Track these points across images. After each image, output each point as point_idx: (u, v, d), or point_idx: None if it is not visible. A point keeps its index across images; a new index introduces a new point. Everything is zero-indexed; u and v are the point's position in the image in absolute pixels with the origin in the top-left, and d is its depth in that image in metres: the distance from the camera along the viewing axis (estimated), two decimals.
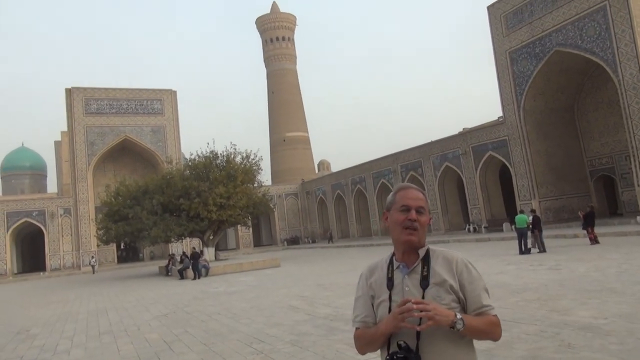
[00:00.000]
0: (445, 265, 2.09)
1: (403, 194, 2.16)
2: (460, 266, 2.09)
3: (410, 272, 2.11)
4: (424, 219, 2.12)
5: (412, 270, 2.11)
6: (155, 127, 53.12)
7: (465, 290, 2.05)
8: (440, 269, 2.08)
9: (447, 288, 2.03)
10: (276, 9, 77.70)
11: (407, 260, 2.13)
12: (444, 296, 2.02)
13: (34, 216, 47.63)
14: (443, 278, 2.05)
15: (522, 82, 31.31)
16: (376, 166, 46.64)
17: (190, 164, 33.31)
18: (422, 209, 2.12)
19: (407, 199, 2.13)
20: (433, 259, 2.11)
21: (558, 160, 32.04)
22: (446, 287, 2.03)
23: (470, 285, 2.06)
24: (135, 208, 30.26)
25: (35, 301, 20.86)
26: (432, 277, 2.06)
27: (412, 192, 2.16)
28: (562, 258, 15.91)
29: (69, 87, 50.54)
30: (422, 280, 2.06)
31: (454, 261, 2.10)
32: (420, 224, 2.10)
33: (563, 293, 9.66)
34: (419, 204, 2.12)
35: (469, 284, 2.06)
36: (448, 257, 2.12)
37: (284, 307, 11.87)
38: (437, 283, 2.04)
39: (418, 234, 2.09)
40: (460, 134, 37.62)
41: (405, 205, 2.11)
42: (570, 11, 27.73)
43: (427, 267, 2.08)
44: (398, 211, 2.13)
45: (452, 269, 2.07)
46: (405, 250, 2.13)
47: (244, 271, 25.81)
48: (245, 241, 57.01)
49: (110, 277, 34.21)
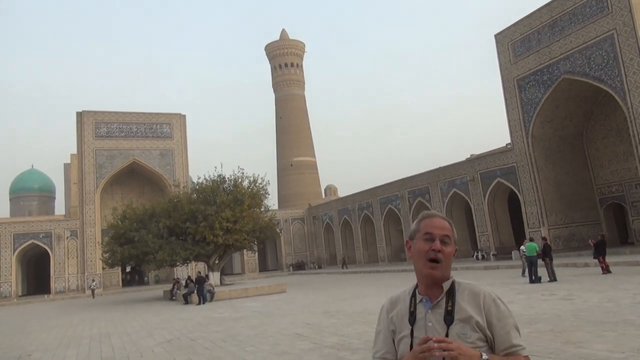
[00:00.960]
0: (472, 300, 1.96)
1: (427, 222, 2.05)
2: (487, 301, 1.95)
3: (433, 306, 1.99)
4: (449, 249, 2.00)
5: (435, 305, 1.98)
6: (163, 151, 53.47)
7: (493, 327, 1.92)
8: (466, 304, 1.95)
9: (473, 325, 1.90)
10: (285, 36, 78.87)
11: (430, 294, 2.01)
12: (469, 334, 1.89)
13: (40, 238, 47.66)
14: (469, 314, 1.92)
15: (530, 109, 31.31)
16: (383, 192, 46.49)
17: (197, 188, 33.36)
18: (447, 239, 2.01)
19: (432, 227, 2.02)
20: (458, 293, 1.98)
21: (567, 187, 31.78)
22: (472, 324, 1.90)
23: (499, 322, 1.92)
24: (142, 231, 30.20)
25: (38, 325, 20.64)
26: (457, 313, 1.93)
27: (438, 221, 2.05)
28: (574, 287, 15.59)
29: (79, 111, 51.19)
30: (446, 315, 1.94)
31: (481, 295, 1.97)
32: (445, 255, 1.98)
33: (577, 324, 9.39)
34: (444, 233, 2.01)
35: (498, 321, 1.93)
36: (475, 291, 1.99)
37: (290, 334, 11.63)
38: (463, 319, 1.91)
39: (441, 266, 1.98)
40: (468, 161, 37.51)
41: (429, 233, 2.01)
42: (578, 39, 27.88)
43: (452, 301, 1.96)
44: (421, 240, 2.02)
45: (479, 304, 1.94)
46: (429, 283, 2.01)
47: (249, 296, 25.51)
48: (250, 266, 56.61)
49: (114, 301, 33.94)
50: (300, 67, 78.65)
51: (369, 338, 9.85)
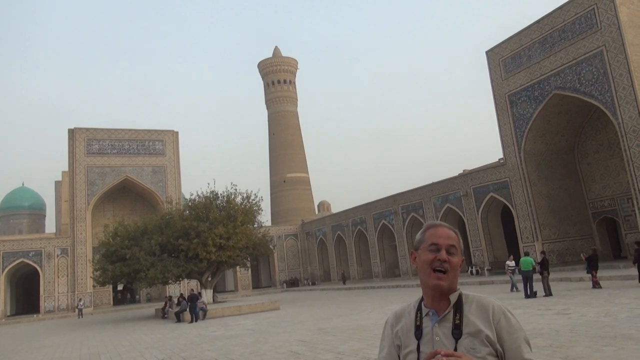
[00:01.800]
0: (481, 312, 1.88)
1: (433, 232, 1.98)
2: (497, 314, 1.87)
3: (440, 320, 1.90)
4: (455, 260, 1.93)
5: (443, 318, 1.90)
6: (156, 168, 53.20)
7: (503, 341, 1.84)
8: (474, 317, 1.87)
9: (482, 339, 1.82)
10: (278, 53, 79.36)
11: (437, 307, 1.93)
12: (479, 348, 1.80)
13: (30, 257, 46.97)
14: (478, 328, 1.83)
15: (522, 124, 31.53)
16: (377, 207, 46.41)
17: (190, 204, 33.09)
18: (453, 249, 1.93)
19: (437, 237, 1.95)
20: (466, 306, 1.90)
21: (560, 202, 31.89)
22: (481, 338, 1.82)
23: (510, 336, 1.84)
24: (133, 249, 29.83)
25: (27, 346, 20.19)
26: (466, 327, 1.85)
27: (443, 230, 1.98)
28: (570, 302, 15.50)
29: (71, 128, 50.96)
30: (454, 329, 1.85)
31: (490, 308, 1.88)
32: (452, 265, 1.91)
33: (576, 339, 9.28)
34: (450, 243, 1.94)
35: (508, 335, 1.84)
36: (483, 303, 1.90)
37: (284, 352, 11.42)
38: (471, 333, 1.83)
39: (448, 277, 1.90)
40: (461, 176, 37.61)
41: (434, 243, 1.93)
42: (568, 56, 28.21)
43: (460, 314, 1.88)
44: (427, 250, 1.94)
45: (489, 318, 1.86)
46: (435, 295, 1.93)
47: (242, 314, 25.18)
48: (244, 283, 56.09)
49: (105, 320, 33.37)
50: (293, 84, 79.01)
51: (365, 355, 9.67)
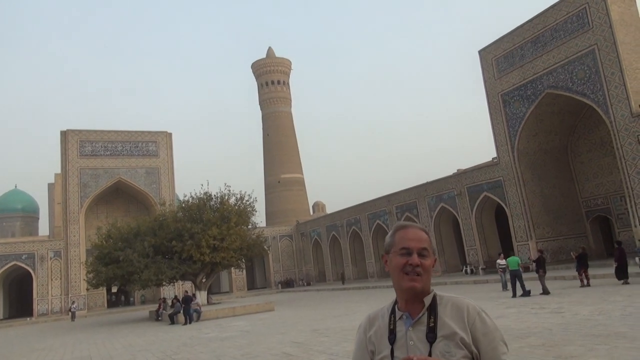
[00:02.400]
0: (455, 314, 1.81)
1: (402, 235, 1.90)
2: (472, 315, 1.81)
3: (414, 323, 1.84)
4: (427, 262, 1.86)
5: (417, 321, 1.84)
6: (149, 169, 52.94)
7: (479, 343, 1.78)
8: (449, 319, 1.80)
9: (457, 342, 1.76)
10: (272, 54, 79.24)
11: (411, 310, 1.86)
12: (454, 351, 1.74)
13: (23, 259, 46.61)
14: (453, 330, 1.77)
15: (515, 123, 31.59)
16: (371, 207, 46.40)
17: (183, 206, 32.93)
18: (424, 251, 1.86)
19: (408, 240, 1.87)
20: (441, 308, 1.84)
21: (554, 201, 31.97)
22: (456, 341, 1.76)
23: (485, 337, 1.78)
24: (127, 250, 29.65)
25: (19, 349, 20.01)
26: (440, 329, 1.78)
27: (413, 232, 1.90)
28: (563, 301, 15.51)
29: (64, 130, 50.62)
30: (428, 332, 1.79)
31: (465, 309, 1.82)
32: (424, 268, 1.84)
33: (569, 338, 9.26)
34: (421, 245, 1.87)
35: (484, 336, 1.78)
36: (458, 304, 1.84)
37: (277, 354, 11.35)
38: (446, 336, 1.77)
39: (422, 279, 1.83)
40: (455, 175, 37.65)
41: (405, 247, 1.86)
42: (560, 55, 28.29)
43: (434, 317, 1.81)
44: (398, 255, 1.87)
45: (463, 319, 1.80)
46: (409, 298, 1.86)
47: (237, 315, 25.08)
48: (238, 284, 55.93)
49: (99, 322, 33.16)
50: (286, 85, 78.92)
51: None
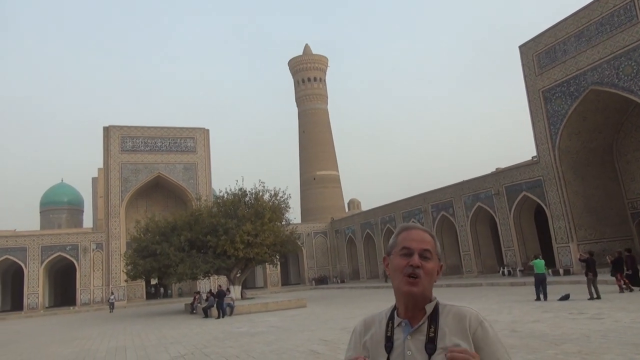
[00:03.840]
0: (457, 323, 1.71)
1: (405, 235, 1.81)
2: (474, 324, 1.70)
3: (413, 332, 1.73)
4: (430, 265, 1.75)
5: (416, 330, 1.73)
6: (187, 165, 54.06)
7: (481, 352, 1.66)
8: (450, 329, 1.70)
9: None
10: (308, 51, 79.36)
11: (410, 317, 1.75)
12: None
13: (67, 250, 48.47)
14: (454, 342, 1.67)
15: (557, 121, 30.54)
16: (406, 205, 45.92)
17: (218, 201, 33.41)
18: (427, 253, 1.75)
19: (410, 240, 1.78)
20: (442, 317, 1.73)
21: (597, 201, 30.76)
22: None
23: (488, 348, 1.67)
24: (163, 244, 30.32)
25: (60, 337, 20.78)
26: (441, 340, 1.68)
27: (417, 233, 1.80)
28: (604, 306, 14.88)
29: (106, 126, 52.27)
30: (427, 343, 1.68)
31: (467, 318, 1.71)
32: (425, 271, 1.73)
33: (607, 346, 8.85)
34: (424, 247, 1.76)
35: (487, 347, 1.67)
36: (460, 313, 1.73)
37: (305, 351, 11.33)
38: (446, 348, 1.66)
39: (421, 283, 1.72)
40: (493, 174, 36.76)
41: (406, 247, 1.76)
42: (606, 50, 27.14)
43: (435, 326, 1.70)
44: (398, 255, 1.77)
45: (465, 328, 1.69)
46: (408, 304, 1.75)
47: (269, 311, 25.28)
48: (272, 280, 56.43)
49: (137, 313, 34.09)
50: (323, 82, 78.92)
51: None
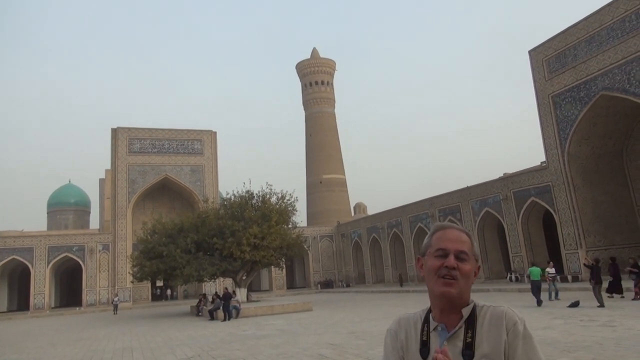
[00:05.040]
0: (495, 327, 1.60)
1: (440, 235, 1.71)
2: (509, 324, 1.59)
3: (450, 337, 1.63)
4: (466, 267, 1.65)
5: (452, 335, 1.63)
6: (194, 167, 54.16)
7: (513, 354, 1.56)
8: (488, 333, 1.59)
9: None
10: (316, 54, 79.46)
11: (446, 321, 1.66)
12: None
13: (74, 251, 48.61)
14: (492, 346, 1.56)
15: (566, 126, 30.31)
16: (413, 210, 45.71)
17: (225, 204, 33.39)
18: (463, 255, 1.65)
19: (445, 241, 1.68)
20: (479, 320, 1.62)
21: (606, 208, 30.46)
22: (499, 359, 1.55)
23: (520, 348, 1.56)
24: (170, 246, 30.31)
25: (65, 337, 20.77)
26: (479, 347, 1.57)
27: (452, 233, 1.71)
28: (616, 313, 14.69)
29: (114, 127, 52.51)
30: (464, 349, 1.58)
31: (503, 317, 1.61)
32: (462, 272, 1.63)
33: (621, 354, 8.69)
34: (460, 248, 1.66)
35: (518, 347, 1.56)
36: (496, 314, 1.62)
37: (312, 355, 11.23)
38: (486, 355, 1.56)
39: (458, 284, 1.62)
40: (501, 179, 36.53)
41: (442, 248, 1.67)
42: (617, 55, 26.93)
43: (472, 331, 1.60)
44: (433, 257, 1.68)
45: (502, 330, 1.58)
46: (444, 307, 1.66)
47: (275, 314, 25.17)
48: (278, 283, 56.34)
49: (142, 315, 34.08)
50: (330, 85, 78.96)
51: None
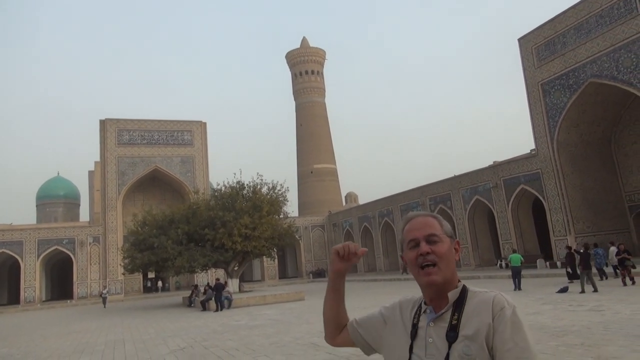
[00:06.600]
0: (481, 310, 1.57)
1: (409, 227, 1.72)
2: (496, 309, 1.54)
3: (436, 319, 1.63)
4: (440, 248, 1.64)
5: (439, 317, 1.63)
6: (184, 158, 53.85)
7: (495, 337, 1.51)
8: (472, 316, 1.57)
9: (481, 343, 1.52)
10: (306, 44, 79.00)
11: (435, 304, 1.66)
12: (476, 354, 1.51)
13: (64, 244, 48.30)
14: (476, 329, 1.54)
15: (556, 114, 30.48)
16: (404, 199, 45.88)
17: (216, 194, 33.27)
18: (434, 237, 1.65)
19: (413, 231, 1.69)
20: (468, 303, 1.61)
21: (595, 194, 30.78)
22: (480, 342, 1.52)
23: (502, 331, 1.50)
24: (161, 237, 30.19)
25: (57, 330, 20.69)
26: (463, 328, 1.56)
27: (418, 221, 1.71)
28: (603, 298, 14.90)
29: (103, 119, 51.96)
30: (449, 330, 1.57)
31: (491, 304, 1.56)
32: (438, 254, 1.63)
33: (609, 338, 8.82)
34: (428, 232, 1.66)
35: (500, 331, 1.50)
36: (485, 299, 1.59)
37: (305, 344, 11.28)
38: (469, 336, 1.53)
39: (439, 269, 1.62)
40: (491, 167, 36.72)
41: (412, 239, 1.68)
42: (605, 42, 27.05)
43: (459, 313, 1.59)
44: (408, 249, 1.69)
45: (488, 314, 1.54)
46: (433, 295, 1.67)
47: (267, 304, 25.25)
48: (270, 273, 56.44)
49: (134, 307, 34.02)
50: (320, 75, 78.63)
51: None
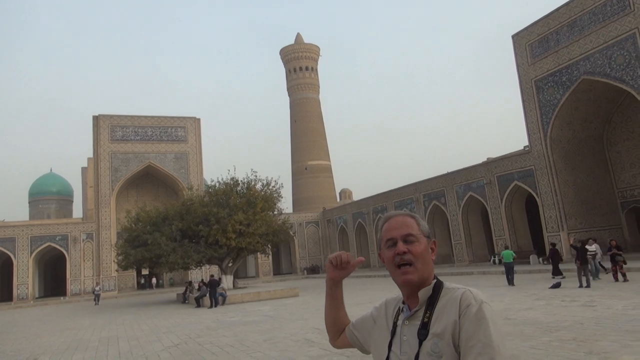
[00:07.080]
0: (449, 307, 1.57)
1: (387, 227, 1.74)
2: (463, 306, 1.54)
3: (410, 317, 1.65)
4: (417, 247, 1.65)
5: (412, 315, 1.65)
6: (178, 154, 53.63)
7: (461, 333, 1.51)
8: (442, 313, 1.58)
9: (448, 340, 1.53)
10: (300, 40, 78.81)
11: (411, 303, 1.68)
12: (443, 351, 1.52)
13: (57, 241, 48.03)
14: (444, 326, 1.54)
15: (549, 111, 30.61)
16: (398, 195, 45.98)
17: (210, 191, 33.20)
18: (411, 237, 1.67)
19: (390, 230, 1.71)
20: (440, 300, 1.62)
21: (587, 191, 30.98)
22: (447, 339, 1.53)
23: (467, 342, 1.48)
24: (155, 234, 30.12)
25: (50, 327, 20.60)
26: (434, 325, 1.57)
27: (396, 220, 1.73)
28: (595, 294, 15.01)
29: (96, 115, 51.63)
30: (420, 328, 1.59)
31: (459, 300, 1.56)
32: (414, 254, 1.64)
33: (601, 333, 8.89)
34: (405, 232, 1.67)
35: (465, 327, 1.50)
36: (455, 296, 1.59)
37: (299, 340, 11.30)
38: (438, 334, 1.54)
39: (415, 269, 1.63)
40: (485, 164, 36.86)
41: (389, 239, 1.69)
42: (598, 39, 27.17)
43: (431, 311, 1.60)
44: (386, 248, 1.70)
45: (456, 311, 1.55)
46: (410, 293, 1.68)
47: (261, 300, 25.25)
48: (264, 269, 56.42)
49: (128, 303, 33.91)
50: (315, 71, 78.47)
51: None
